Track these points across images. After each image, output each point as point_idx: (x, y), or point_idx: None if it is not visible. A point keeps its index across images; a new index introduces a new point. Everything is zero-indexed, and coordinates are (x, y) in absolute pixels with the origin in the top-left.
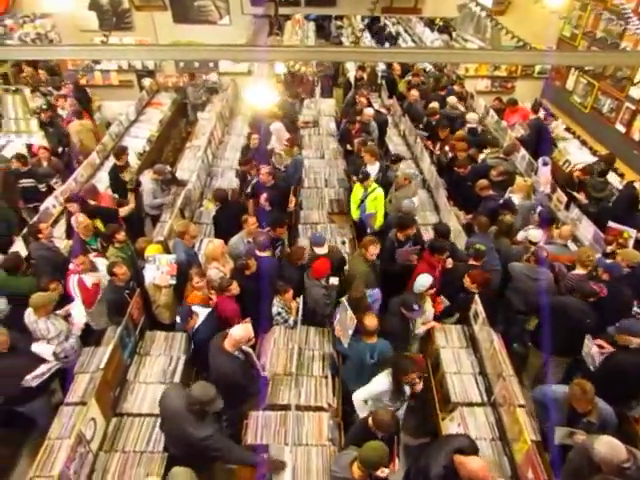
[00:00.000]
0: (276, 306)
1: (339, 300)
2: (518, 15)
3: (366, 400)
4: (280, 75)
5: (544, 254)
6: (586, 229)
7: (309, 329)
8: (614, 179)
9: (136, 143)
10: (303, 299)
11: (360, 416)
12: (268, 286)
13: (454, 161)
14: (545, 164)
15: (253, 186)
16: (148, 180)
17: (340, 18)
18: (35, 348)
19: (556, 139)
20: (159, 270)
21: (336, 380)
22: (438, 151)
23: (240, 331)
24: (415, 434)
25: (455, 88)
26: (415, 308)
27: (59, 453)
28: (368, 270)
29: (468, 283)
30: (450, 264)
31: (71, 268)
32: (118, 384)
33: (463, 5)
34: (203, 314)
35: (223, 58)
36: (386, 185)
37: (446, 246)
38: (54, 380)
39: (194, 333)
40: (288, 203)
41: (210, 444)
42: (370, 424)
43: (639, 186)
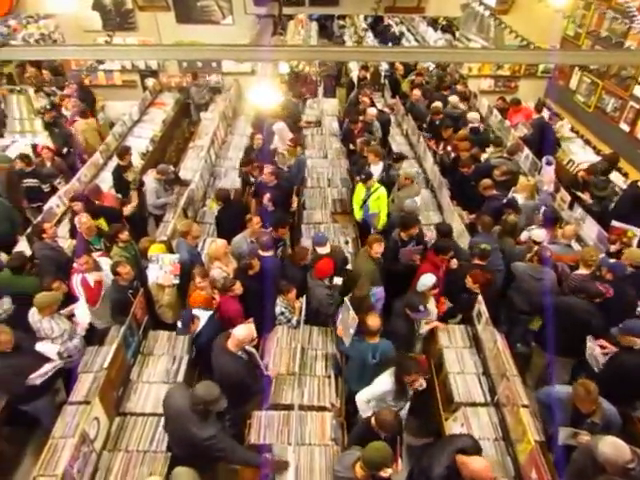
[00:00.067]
0: (279, 306)
1: (343, 300)
2: (521, 14)
3: (369, 400)
4: (284, 75)
5: (547, 254)
6: (590, 229)
7: (312, 329)
8: (618, 178)
9: (139, 143)
10: (306, 299)
11: (363, 416)
12: (271, 286)
13: (457, 161)
14: (549, 163)
15: (256, 186)
16: (151, 180)
17: (343, 18)
18: (39, 347)
19: (561, 139)
20: (162, 270)
21: (339, 380)
22: (441, 151)
23: (243, 331)
24: (418, 434)
25: (458, 87)
26: (420, 309)
27: (63, 452)
28: (374, 268)
29: (470, 283)
30: (455, 265)
31: (75, 267)
32: (121, 383)
33: (466, 4)
34: (204, 317)
35: (226, 58)
36: (389, 184)
37: (450, 246)
38: (58, 379)
39: (196, 337)
40: (291, 203)
41: (213, 444)
42: (373, 424)
43: None
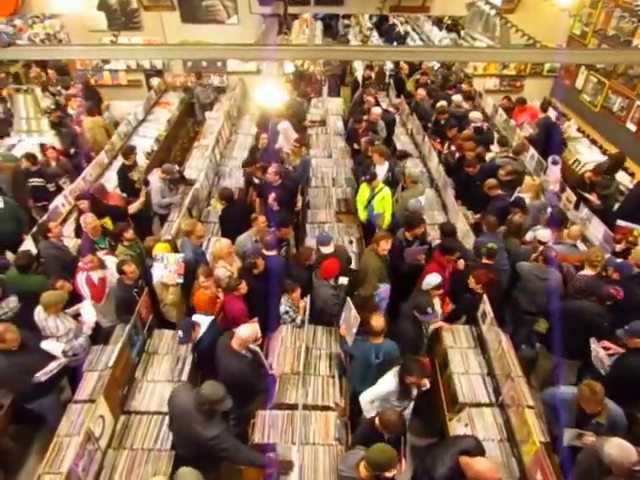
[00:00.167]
0: (284, 305)
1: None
2: (527, 13)
3: (373, 400)
4: (289, 74)
5: (553, 254)
6: (596, 229)
7: (316, 328)
8: (624, 178)
9: (144, 142)
10: (311, 299)
11: (367, 416)
12: (276, 285)
13: (462, 161)
14: (555, 163)
15: (261, 185)
16: (156, 179)
17: (347, 17)
18: (45, 345)
19: (567, 139)
20: (167, 269)
21: (343, 380)
22: (446, 150)
23: (247, 330)
24: (422, 434)
25: (463, 87)
26: (428, 311)
27: (68, 450)
28: (380, 265)
29: (473, 283)
30: (462, 266)
31: (80, 266)
32: (126, 382)
33: (472, 3)
34: (205, 323)
35: (231, 57)
36: (393, 184)
37: (456, 247)
38: (63, 377)
39: (197, 343)
40: (296, 203)
41: (218, 444)
42: (377, 424)
43: None
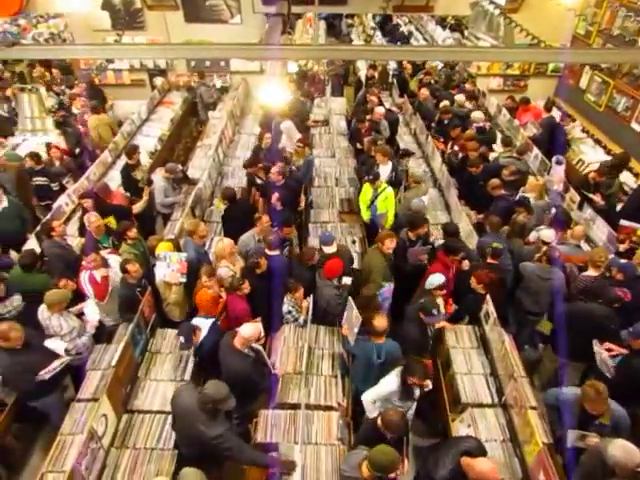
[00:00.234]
0: (287, 304)
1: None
2: (531, 13)
3: (375, 400)
4: (292, 74)
5: (556, 254)
6: (600, 229)
7: (319, 328)
8: (629, 178)
9: (148, 142)
10: (314, 298)
11: (370, 417)
12: (279, 285)
13: (465, 160)
14: (559, 163)
15: (264, 185)
16: (160, 178)
17: (351, 16)
18: (48, 344)
19: (571, 141)
20: (169, 268)
21: (346, 380)
22: (449, 150)
23: (249, 329)
24: (425, 435)
25: (466, 86)
26: (434, 313)
27: (71, 449)
28: (385, 264)
29: (474, 283)
30: (467, 266)
31: (83, 265)
32: (129, 381)
33: (475, 3)
34: (206, 326)
35: (234, 57)
36: (397, 183)
37: (461, 247)
38: (66, 376)
39: (198, 348)
40: (299, 202)
41: (221, 443)
42: (379, 424)
43: None
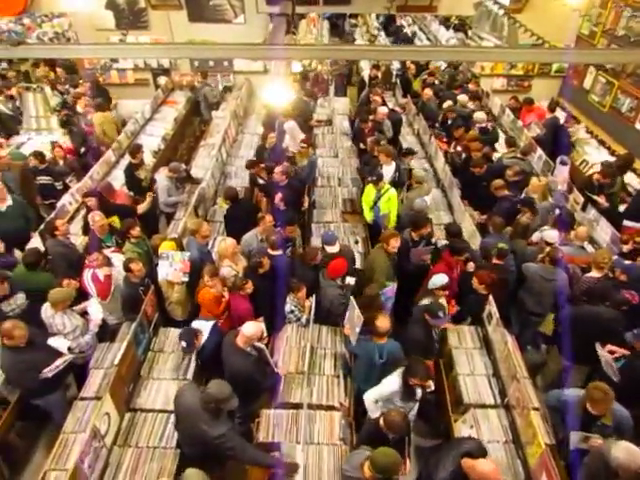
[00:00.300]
0: (289, 304)
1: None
2: (535, 13)
3: (377, 400)
4: (296, 74)
5: (560, 255)
6: (604, 230)
7: (321, 328)
8: (633, 179)
9: (151, 141)
10: (317, 298)
11: (371, 417)
12: (281, 284)
13: (469, 161)
14: (564, 163)
15: (268, 185)
16: (163, 178)
17: (355, 16)
18: (51, 342)
19: (576, 142)
20: (172, 267)
21: (348, 380)
22: (452, 150)
23: (251, 328)
24: (427, 436)
25: (470, 86)
26: (440, 315)
27: (74, 447)
28: (388, 264)
29: (476, 284)
30: (472, 268)
31: (86, 264)
32: (132, 380)
33: (479, 3)
34: (207, 329)
35: (237, 56)
36: (400, 183)
37: (465, 248)
38: (69, 374)
39: (200, 351)
40: (302, 202)
41: (223, 442)
42: (381, 425)
43: None
